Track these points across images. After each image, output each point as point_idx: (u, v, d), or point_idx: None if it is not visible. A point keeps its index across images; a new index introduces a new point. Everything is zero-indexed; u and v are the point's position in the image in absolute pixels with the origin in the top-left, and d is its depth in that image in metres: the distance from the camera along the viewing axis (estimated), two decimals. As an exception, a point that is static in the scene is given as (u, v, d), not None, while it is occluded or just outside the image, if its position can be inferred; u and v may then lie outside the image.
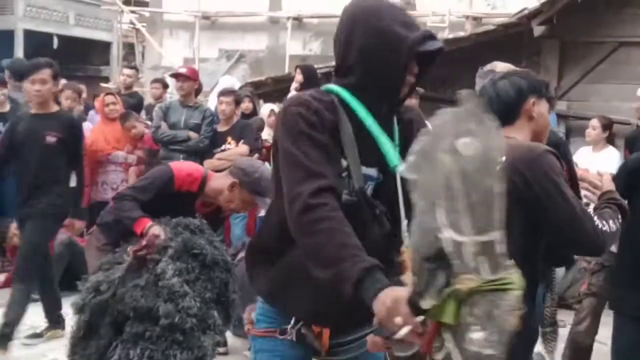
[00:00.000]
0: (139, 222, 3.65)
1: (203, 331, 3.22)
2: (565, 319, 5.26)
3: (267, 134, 7.44)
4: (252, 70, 13.02)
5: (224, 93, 7.08)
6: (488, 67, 4.59)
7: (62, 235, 6.42)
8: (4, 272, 7.22)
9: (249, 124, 7.26)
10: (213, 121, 7.18)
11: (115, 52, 16.87)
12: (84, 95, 8.20)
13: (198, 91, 7.63)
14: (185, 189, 3.78)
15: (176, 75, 7.36)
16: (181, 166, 4.03)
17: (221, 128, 6.99)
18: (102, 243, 3.95)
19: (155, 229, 3.58)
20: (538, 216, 2.15)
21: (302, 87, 8.19)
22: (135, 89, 9.59)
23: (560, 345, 4.33)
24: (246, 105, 7.93)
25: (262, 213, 6.78)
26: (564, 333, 4.47)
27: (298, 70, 8.19)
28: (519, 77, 2.44)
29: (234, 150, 6.78)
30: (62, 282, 6.40)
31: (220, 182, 3.85)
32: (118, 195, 3.93)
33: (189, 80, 7.14)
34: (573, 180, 2.50)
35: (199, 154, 6.93)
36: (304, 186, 1.78)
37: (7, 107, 7.35)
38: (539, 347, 3.53)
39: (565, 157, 2.30)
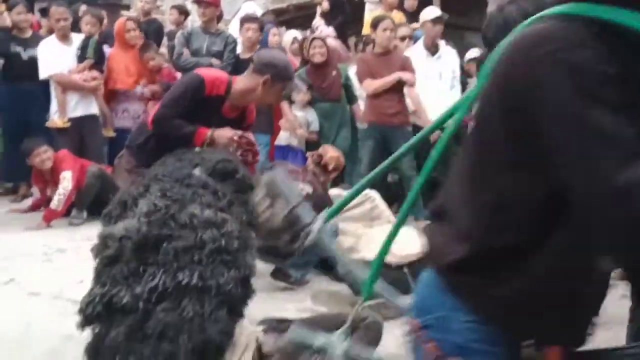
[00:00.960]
0: (198, 134, 3.75)
1: (245, 251, 3.26)
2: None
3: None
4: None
5: (248, 19, 7.02)
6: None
7: (93, 167, 6.52)
8: (28, 196, 7.37)
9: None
10: (235, 48, 7.14)
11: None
12: (105, 22, 8.14)
13: (219, 18, 7.58)
14: (214, 93, 3.83)
15: (198, 2, 7.31)
16: (207, 71, 4.10)
17: (244, 55, 6.95)
18: (132, 165, 3.99)
19: (223, 132, 3.72)
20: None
21: (329, 15, 8.12)
22: (155, 16, 9.52)
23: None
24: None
25: (282, 142, 6.86)
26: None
27: None
28: (526, 1, 2.33)
29: None
30: (91, 210, 6.57)
31: (246, 82, 3.92)
32: (156, 117, 3.92)
33: (211, 6, 7.08)
34: None
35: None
36: (623, 172, 1.13)
37: (29, 33, 7.36)
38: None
39: None
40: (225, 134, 3.78)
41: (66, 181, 6.34)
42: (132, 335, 2.98)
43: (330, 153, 5.31)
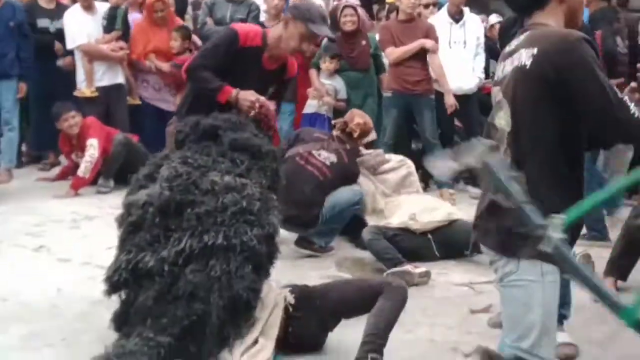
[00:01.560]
0: (223, 91, 3.78)
1: (268, 211, 3.31)
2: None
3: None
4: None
5: None
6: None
7: (119, 135, 6.59)
8: (56, 165, 7.47)
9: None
10: (258, 15, 7.13)
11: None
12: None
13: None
14: (249, 44, 3.86)
15: None
16: (241, 24, 4.24)
17: (269, 23, 6.93)
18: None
19: (247, 94, 3.74)
20: (572, 105, 2.12)
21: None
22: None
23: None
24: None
25: (310, 109, 6.86)
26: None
27: None
28: None
29: None
30: (118, 178, 6.66)
31: (277, 30, 3.94)
32: (189, 67, 3.98)
33: None
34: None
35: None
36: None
37: (53, 4, 7.39)
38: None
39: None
40: (248, 96, 3.75)
41: (93, 149, 6.42)
42: (162, 298, 3.06)
43: (357, 119, 5.26)
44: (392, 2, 7.37)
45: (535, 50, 2.15)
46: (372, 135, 5.52)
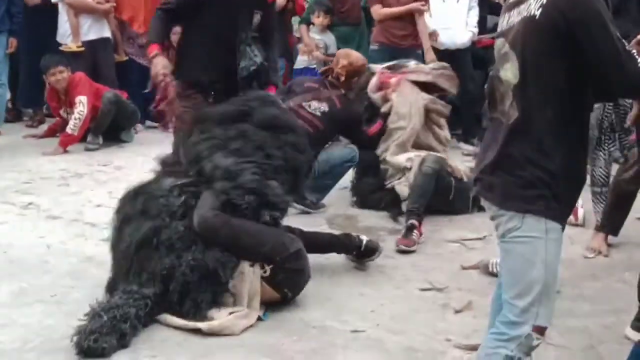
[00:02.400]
0: (149, 48, 3.89)
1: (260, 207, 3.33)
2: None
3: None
4: None
5: None
6: None
7: (108, 92, 6.51)
8: (43, 122, 7.40)
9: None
10: None
11: None
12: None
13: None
14: None
15: None
16: None
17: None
18: (181, 89, 4.00)
19: (157, 64, 3.78)
20: (581, 57, 2.09)
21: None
22: None
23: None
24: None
25: (300, 64, 6.79)
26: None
27: None
28: None
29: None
30: (108, 134, 6.61)
31: None
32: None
33: None
34: None
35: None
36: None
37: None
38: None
39: None
40: (156, 67, 3.80)
41: (82, 106, 6.34)
42: (145, 245, 3.23)
43: (341, 62, 5.08)
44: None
45: (544, 0, 2.09)
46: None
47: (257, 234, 3.27)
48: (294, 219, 4.79)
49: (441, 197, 4.78)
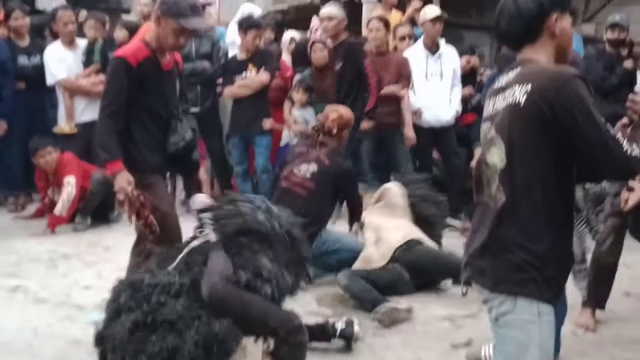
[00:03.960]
0: (111, 164, 3.75)
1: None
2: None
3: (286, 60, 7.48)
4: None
5: (249, 27, 6.91)
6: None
7: (97, 173, 6.55)
8: (32, 202, 7.37)
9: (270, 51, 7.21)
10: (221, 48, 7.20)
11: (130, -17, 16.61)
12: (107, 26, 8.15)
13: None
14: (141, 59, 3.77)
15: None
16: (123, 48, 4.02)
17: (242, 56, 6.97)
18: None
19: (122, 180, 3.69)
20: (567, 142, 2.13)
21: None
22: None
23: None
24: (268, 35, 7.85)
25: (283, 142, 6.88)
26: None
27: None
28: None
29: (255, 77, 6.78)
30: (96, 214, 6.61)
31: (153, 29, 3.83)
32: (97, 131, 3.88)
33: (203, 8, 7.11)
34: None
35: (214, 83, 7.08)
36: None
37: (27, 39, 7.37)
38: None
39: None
40: (122, 181, 3.71)
41: (70, 187, 6.37)
42: (139, 328, 3.11)
43: (331, 116, 5.13)
44: (366, 36, 7.41)
45: (529, 87, 2.14)
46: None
47: (264, 307, 3.26)
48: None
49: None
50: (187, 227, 3.73)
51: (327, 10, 6.79)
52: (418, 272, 4.84)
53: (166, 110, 3.94)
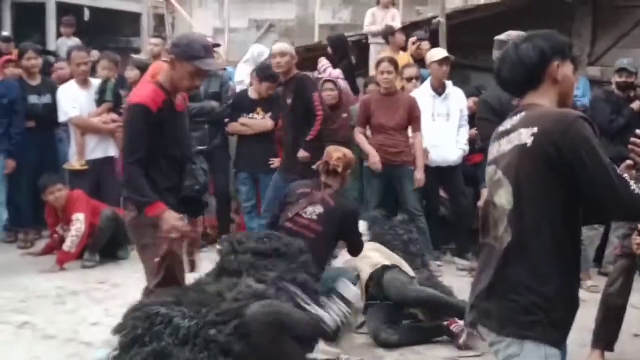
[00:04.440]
0: (153, 206, 3.70)
1: None
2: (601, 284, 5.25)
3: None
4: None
5: (266, 78, 6.97)
6: (503, 36, 4.60)
7: (107, 210, 6.60)
8: (41, 238, 7.40)
9: (279, 97, 7.26)
10: (230, 87, 7.30)
11: (146, 23, 16.89)
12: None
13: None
14: (160, 104, 3.76)
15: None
16: (140, 92, 3.87)
17: (253, 95, 7.06)
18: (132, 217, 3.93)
19: (171, 218, 3.68)
20: (574, 183, 2.15)
21: (334, 58, 8.23)
22: (165, 59, 9.66)
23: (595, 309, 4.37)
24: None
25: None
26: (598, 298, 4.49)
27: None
28: (541, 39, 2.35)
29: (260, 121, 6.95)
30: (104, 250, 6.64)
31: (167, 72, 3.82)
32: (125, 177, 3.90)
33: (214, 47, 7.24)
34: None
35: (222, 123, 7.17)
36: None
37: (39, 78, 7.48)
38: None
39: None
40: (171, 220, 3.70)
41: (79, 223, 6.41)
42: None
43: (335, 155, 5.06)
44: (373, 76, 7.50)
45: (535, 129, 2.17)
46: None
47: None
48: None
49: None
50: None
51: (279, 46, 6.84)
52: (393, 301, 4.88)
53: (180, 151, 3.95)
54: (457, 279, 5.70)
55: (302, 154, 6.40)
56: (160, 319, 3.22)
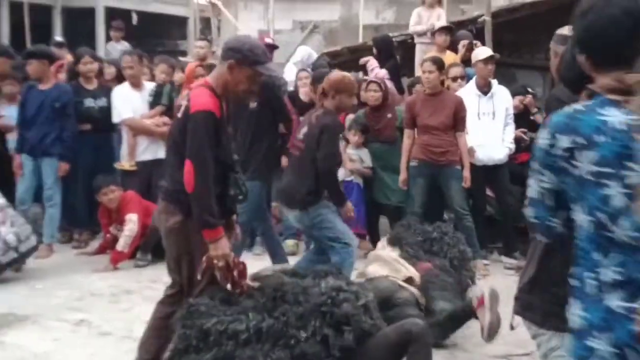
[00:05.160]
0: (214, 232, 3.52)
1: None
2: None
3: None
4: (326, 40, 13.10)
5: (316, 80, 6.99)
6: (565, 30, 4.56)
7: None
8: (94, 239, 7.59)
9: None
10: (286, 87, 7.36)
11: (192, 27, 17.13)
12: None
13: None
14: (221, 108, 3.65)
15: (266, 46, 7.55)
16: (199, 100, 3.63)
17: (305, 98, 7.19)
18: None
19: (225, 248, 3.54)
20: None
21: (380, 58, 8.28)
22: (211, 61, 9.80)
23: None
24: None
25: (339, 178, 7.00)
26: None
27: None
28: None
29: None
30: (157, 250, 6.76)
31: (221, 77, 3.69)
32: (196, 184, 3.53)
33: (272, 50, 7.32)
34: None
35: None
36: None
37: (95, 83, 7.68)
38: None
39: None
40: (225, 248, 3.54)
41: (132, 224, 6.58)
42: None
43: (330, 77, 5.15)
44: (419, 76, 7.52)
45: None
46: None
47: None
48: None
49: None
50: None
51: None
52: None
53: (229, 159, 3.79)
54: (505, 278, 5.69)
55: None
56: (217, 329, 3.27)
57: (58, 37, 11.72)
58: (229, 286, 3.61)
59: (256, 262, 6.72)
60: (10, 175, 7.21)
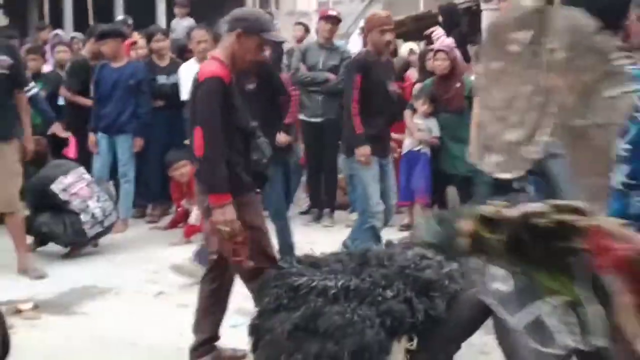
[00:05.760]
0: (223, 196, 3.55)
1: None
2: None
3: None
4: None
5: None
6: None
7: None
8: (167, 213, 7.78)
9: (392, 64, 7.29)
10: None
11: (251, 1, 17.21)
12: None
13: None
14: (230, 76, 3.69)
15: (327, 17, 7.53)
16: (207, 68, 3.71)
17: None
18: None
19: (232, 215, 3.55)
20: None
21: (443, 27, 8.17)
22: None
23: None
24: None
25: (406, 148, 6.95)
26: None
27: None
28: None
29: None
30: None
31: (228, 48, 3.74)
32: (205, 157, 3.60)
33: (338, 22, 7.30)
34: None
35: (337, 95, 7.10)
36: None
37: (167, 60, 7.80)
38: None
39: None
40: (232, 215, 3.55)
41: (203, 197, 6.68)
42: (298, 330, 3.21)
43: None
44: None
45: None
46: None
47: None
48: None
49: None
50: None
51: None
52: None
53: (246, 124, 3.85)
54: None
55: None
56: (306, 284, 3.31)
57: (123, 17, 11.91)
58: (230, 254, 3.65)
59: (326, 234, 6.84)
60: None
